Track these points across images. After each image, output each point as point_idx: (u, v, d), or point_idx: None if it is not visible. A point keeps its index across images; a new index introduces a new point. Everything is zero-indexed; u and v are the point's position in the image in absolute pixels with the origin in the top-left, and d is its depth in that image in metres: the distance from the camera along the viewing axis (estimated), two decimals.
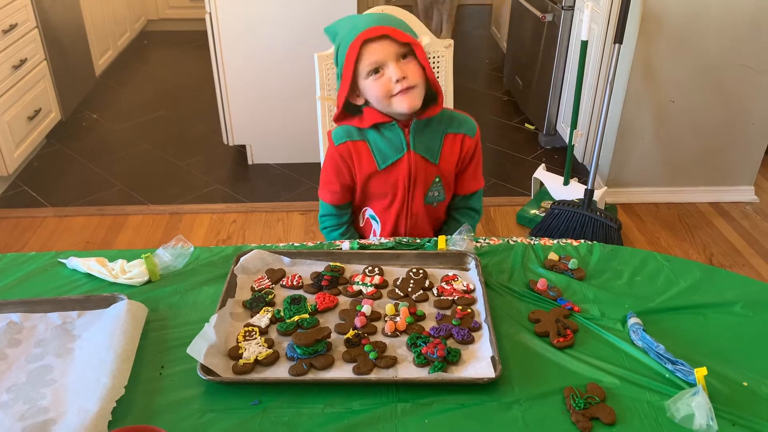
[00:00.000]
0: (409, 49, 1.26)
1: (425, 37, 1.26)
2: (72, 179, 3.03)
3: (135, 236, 2.61)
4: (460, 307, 1.10)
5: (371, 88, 1.28)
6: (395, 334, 1.05)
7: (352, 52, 1.25)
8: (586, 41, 2.43)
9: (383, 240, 1.30)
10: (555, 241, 1.30)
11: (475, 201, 1.50)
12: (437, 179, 1.40)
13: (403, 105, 1.28)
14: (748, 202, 2.87)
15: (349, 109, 1.36)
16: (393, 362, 0.98)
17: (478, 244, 1.28)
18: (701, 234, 2.66)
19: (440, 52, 1.63)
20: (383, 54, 1.24)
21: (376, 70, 1.26)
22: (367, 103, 1.34)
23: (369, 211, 1.48)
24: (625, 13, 2.32)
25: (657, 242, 2.60)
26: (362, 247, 1.28)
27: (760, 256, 2.53)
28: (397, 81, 1.25)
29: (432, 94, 1.32)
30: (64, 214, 2.75)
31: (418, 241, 1.29)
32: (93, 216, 2.73)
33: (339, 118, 1.36)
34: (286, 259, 1.23)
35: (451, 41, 1.62)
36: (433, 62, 1.64)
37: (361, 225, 1.51)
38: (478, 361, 0.99)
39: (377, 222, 1.46)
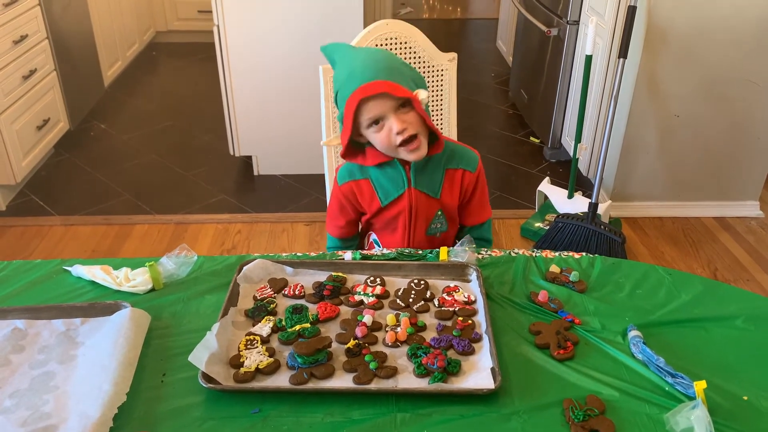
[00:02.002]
0: (407, 101, 1.25)
1: (422, 92, 1.25)
2: (79, 188, 3.05)
3: (140, 246, 2.62)
4: (461, 318, 1.10)
5: (374, 138, 1.29)
6: (396, 344, 1.05)
7: (350, 106, 1.24)
8: (591, 56, 2.44)
9: (385, 251, 1.31)
10: (557, 254, 1.31)
11: (484, 231, 1.50)
12: (439, 212, 1.41)
13: (410, 157, 1.30)
14: (753, 217, 2.86)
15: (356, 144, 1.36)
16: (393, 372, 0.99)
17: (480, 256, 1.29)
18: (706, 249, 2.66)
19: (444, 65, 1.64)
20: (382, 109, 1.24)
21: (376, 122, 1.26)
22: (370, 143, 1.35)
23: (373, 236, 1.50)
24: (629, 27, 2.33)
25: (661, 256, 2.60)
26: (364, 257, 1.29)
27: (765, 272, 2.52)
28: (398, 133, 1.25)
29: (432, 136, 1.33)
30: (71, 222, 2.77)
31: (420, 252, 1.30)
32: (99, 225, 2.75)
33: (346, 155, 1.36)
34: (289, 269, 1.24)
35: (454, 54, 1.64)
36: (437, 76, 1.65)
37: (365, 248, 1.52)
38: (478, 372, 0.99)
39: (380, 247, 1.47)
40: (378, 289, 1.17)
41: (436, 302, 1.16)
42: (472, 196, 1.44)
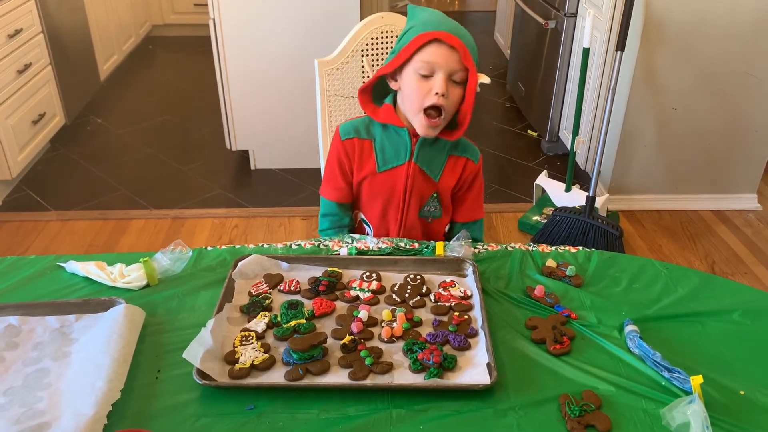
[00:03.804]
0: (464, 74, 1.25)
1: (485, 76, 1.26)
2: (75, 183, 3.04)
3: (137, 240, 2.61)
4: (457, 314, 1.10)
5: (412, 83, 1.27)
6: (392, 339, 1.05)
7: (419, 40, 1.24)
8: (588, 48, 2.43)
9: (381, 245, 1.30)
10: (553, 248, 1.30)
11: (475, 230, 1.49)
12: (435, 194, 1.41)
13: (421, 129, 1.30)
14: (750, 210, 2.86)
15: (379, 90, 1.35)
16: (389, 368, 0.98)
17: (476, 250, 1.28)
18: (703, 242, 2.66)
19: None
20: (443, 61, 1.24)
21: (426, 75, 1.25)
22: (392, 94, 1.33)
23: (361, 215, 1.48)
24: (627, 20, 2.32)
25: (659, 250, 2.60)
26: (360, 252, 1.28)
27: (763, 264, 2.52)
28: (436, 93, 1.24)
29: (455, 121, 1.32)
30: (67, 218, 2.76)
31: (416, 246, 1.29)
32: (96, 220, 2.74)
33: (364, 90, 1.34)
34: (284, 264, 1.23)
35: None
36: None
37: (355, 225, 1.51)
38: (474, 368, 0.99)
39: (370, 227, 1.46)
40: (374, 285, 1.17)
41: (432, 297, 1.15)
42: (469, 190, 1.44)
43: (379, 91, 1.36)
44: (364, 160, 1.38)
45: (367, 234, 1.48)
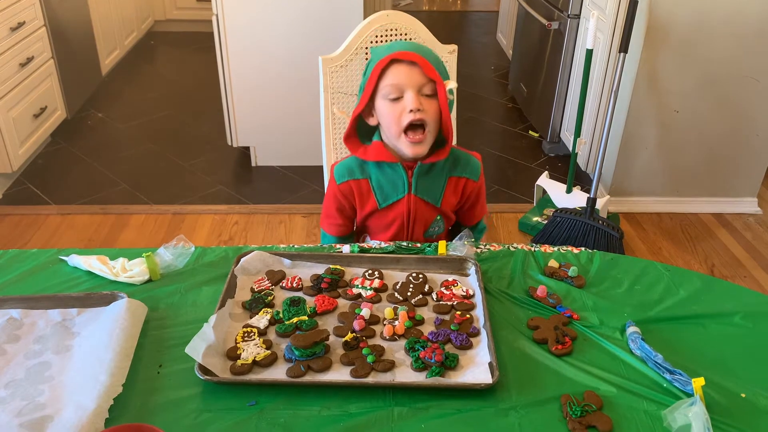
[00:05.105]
0: (433, 86, 1.24)
1: (451, 81, 1.26)
2: (76, 177, 3.04)
3: (137, 236, 2.61)
4: (459, 313, 1.10)
5: (385, 111, 1.27)
6: (393, 338, 1.05)
7: (378, 67, 1.24)
8: (591, 50, 2.43)
9: (383, 244, 1.30)
10: (555, 249, 1.30)
11: (480, 223, 1.51)
12: (438, 217, 1.40)
13: (408, 151, 1.28)
14: (751, 214, 2.86)
15: (360, 130, 1.35)
16: (391, 366, 0.98)
17: (479, 250, 1.28)
18: (703, 245, 2.66)
19: (444, 57, 1.63)
20: (406, 79, 1.23)
21: (395, 98, 1.25)
22: (378, 131, 1.33)
23: (368, 239, 1.48)
24: (630, 22, 2.32)
25: (659, 252, 2.60)
26: (362, 250, 1.28)
27: (762, 268, 2.52)
28: (411, 111, 1.23)
29: (441, 138, 1.31)
30: (68, 212, 2.76)
31: (419, 245, 1.29)
32: (96, 215, 2.74)
33: (348, 136, 1.34)
34: (287, 261, 1.23)
35: (455, 46, 1.63)
36: None
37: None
38: (476, 367, 0.99)
39: None
40: (376, 283, 1.17)
41: (434, 296, 1.15)
42: (474, 203, 1.44)
43: (366, 129, 1.36)
44: (364, 200, 1.38)
45: None
